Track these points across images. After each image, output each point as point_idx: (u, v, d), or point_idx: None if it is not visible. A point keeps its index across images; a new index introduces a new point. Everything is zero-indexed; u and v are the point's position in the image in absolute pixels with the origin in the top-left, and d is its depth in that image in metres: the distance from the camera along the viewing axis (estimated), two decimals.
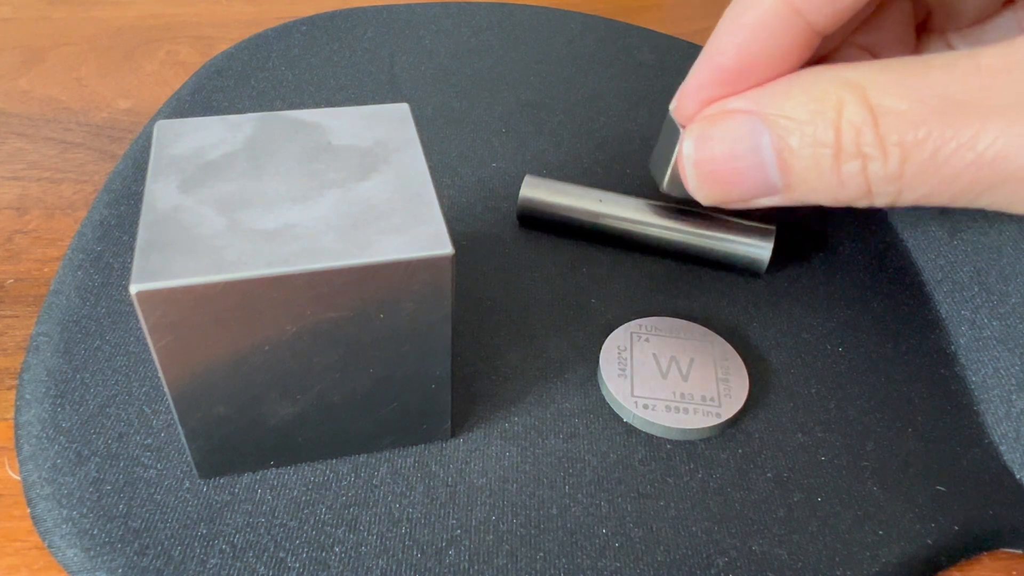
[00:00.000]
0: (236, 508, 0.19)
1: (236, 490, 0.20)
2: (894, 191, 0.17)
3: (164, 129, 0.19)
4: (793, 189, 0.18)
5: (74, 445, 0.20)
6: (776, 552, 0.19)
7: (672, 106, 0.21)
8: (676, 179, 0.22)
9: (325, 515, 0.19)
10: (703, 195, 0.20)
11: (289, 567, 0.18)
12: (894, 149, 0.16)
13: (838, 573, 0.19)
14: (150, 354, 0.22)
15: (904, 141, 0.16)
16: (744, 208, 0.20)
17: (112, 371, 0.22)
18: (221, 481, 0.20)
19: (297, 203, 0.17)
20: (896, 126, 0.16)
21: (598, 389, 0.22)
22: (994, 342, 0.23)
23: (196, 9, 0.42)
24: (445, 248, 0.17)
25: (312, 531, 0.19)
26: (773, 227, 0.26)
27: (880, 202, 0.18)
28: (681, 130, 0.21)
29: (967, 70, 0.16)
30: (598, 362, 0.23)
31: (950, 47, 0.23)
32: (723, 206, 0.20)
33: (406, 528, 0.19)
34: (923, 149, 0.16)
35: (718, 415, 0.21)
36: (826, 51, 0.23)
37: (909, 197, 0.17)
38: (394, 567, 0.18)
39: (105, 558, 0.18)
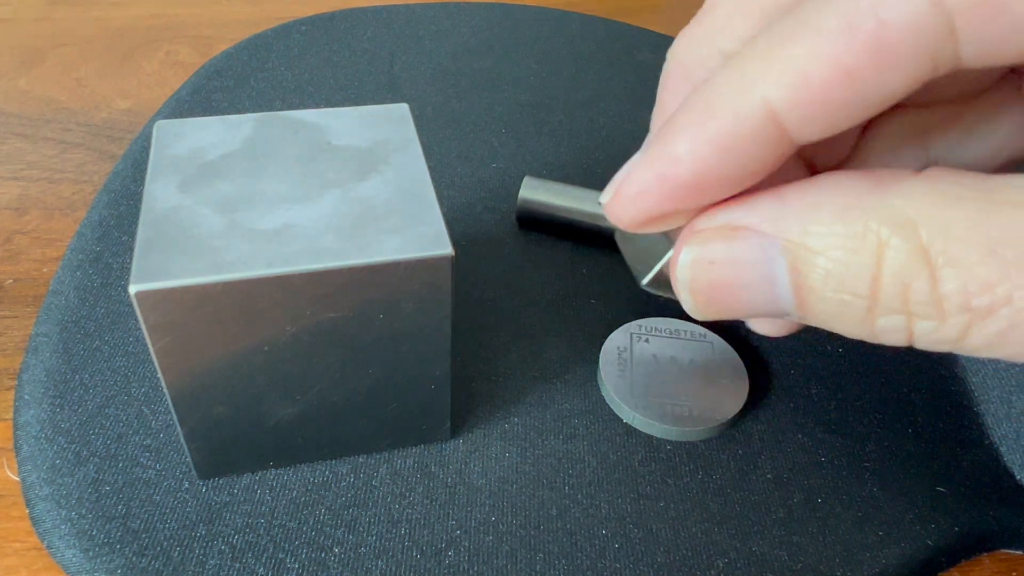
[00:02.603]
0: (235, 509, 0.19)
1: (235, 491, 0.19)
2: (949, 349, 0.14)
3: (163, 129, 0.19)
4: (812, 323, 0.15)
5: (73, 446, 0.20)
6: (776, 553, 0.19)
7: (602, 199, 0.17)
8: (663, 280, 0.19)
9: (324, 516, 0.19)
10: (699, 316, 0.17)
11: (288, 568, 0.18)
12: (956, 313, 0.13)
13: (838, 574, 0.19)
14: (149, 354, 0.22)
15: (971, 306, 0.13)
16: None
17: (111, 371, 0.22)
18: (220, 482, 0.20)
19: (297, 203, 0.17)
20: (962, 284, 0.13)
21: (598, 390, 0.22)
22: None
23: (196, 9, 0.42)
24: (445, 248, 0.16)
25: (311, 532, 0.19)
26: None
27: (930, 350, 0.14)
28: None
29: None
30: (598, 363, 0.23)
31: (922, 131, 0.19)
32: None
33: (405, 529, 0.19)
34: (996, 319, 0.13)
35: (718, 416, 0.21)
36: None
37: (970, 354, 0.14)
38: (393, 568, 0.18)
39: (104, 559, 0.18)
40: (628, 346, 0.23)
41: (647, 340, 0.23)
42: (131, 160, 0.29)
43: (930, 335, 0.14)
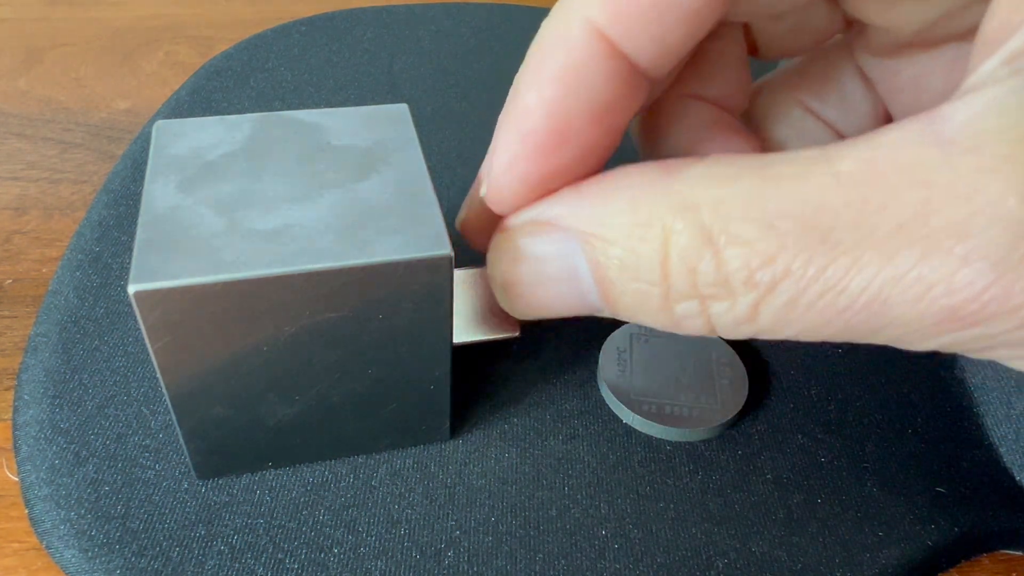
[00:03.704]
0: (234, 509, 0.19)
1: (234, 491, 0.19)
2: (749, 332, 0.14)
3: (163, 129, 0.19)
4: (621, 316, 0.15)
5: (72, 446, 0.20)
6: (776, 553, 0.19)
7: (482, 192, 0.17)
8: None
9: (324, 516, 0.19)
10: (517, 314, 0.17)
11: (288, 568, 0.18)
12: (743, 290, 0.13)
13: (838, 574, 0.19)
14: (148, 355, 0.22)
15: (755, 281, 0.13)
16: None
17: (111, 372, 0.22)
18: (219, 482, 0.20)
19: (296, 203, 0.17)
20: (744, 261, 0.13)
21: (597, 390, 0.22)
22: None
23: (195, 10, 0.42)
24: (444, 249, 0.16)
25: (311, 532, 0.19)
26: None
27: (733, 337, 0.14)
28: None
29: (824, 183, 0.12)
30: (597, 363, 0.23)
31: (862, 73, 0.20)
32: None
33: (405, 529, 0.19)
34: (780, 292, 0.13)
35: (718, 416, 0.21)
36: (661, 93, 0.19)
37: (770, 336, 0.14)
38: (393, 568, 0.18)
39: (103, 559, 0.18)
40: (628, 346, 0.23)
41: (647, 340, 0.23)
42: (131, 160, 0.29)
43: (725, 317, 0.14)
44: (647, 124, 0.21)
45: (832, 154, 0.13)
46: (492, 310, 0.20)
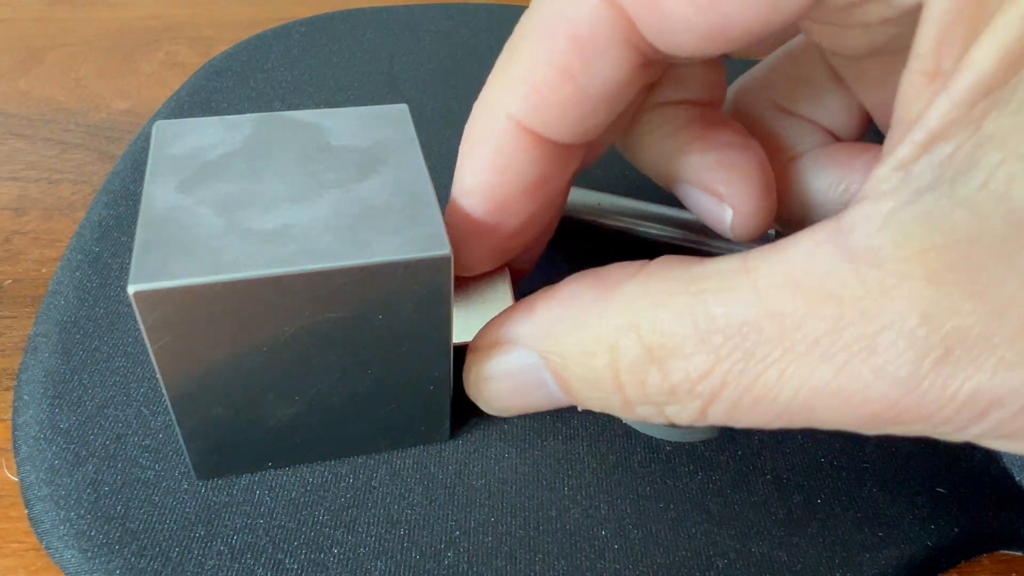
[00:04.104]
0: (234, 509, 0.19)
1: (234, 491, 0.19)
2: (706, 424, 0.15)
3: (163, 129, 0.19)
4: (595, 410, 0.17)
5: (72, 446, 0.20)
6: (776, 554, 0.19)
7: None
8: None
9: (323, 516, 0.19)
10: (495, 413, 0.19)
11: (287, 568, 0.18)
12: (688, 399, 0.14)
13: (838, 575, 0.19)
14: (148, 355, 0.22)
15: (697, 392, 0.14)
16: None
17: (110, 372, 0.22)
18: (219, 482, 0.20)
19: (296, 204, 0.17)
20: (686, 374, 0.14)
21: None
22: None
23: (195, 10, 0.42)
24: (444, 249, 0.16)
25: (310, 532, 0.19)
26: (773, 231, 0.26)
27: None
28: None
29: (746, 299, 0.13)
30: None
31: (833, 70, 0.21)
32: None
33: (405, 530, 0.19)
34: (722, 400, 0.14)
35: None
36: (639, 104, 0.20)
37: (726, 426, 0.15)
38: (392, 569, 0.18)
39: (103, 559, 0.18)
40: None
41: None
42: (130, 160, 0.29)
43: (680, 416, 0.15)
44: (631, 141, 0.21)
45: (752, 266, 0.14)
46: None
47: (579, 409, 0.17)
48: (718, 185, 0.20)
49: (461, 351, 0.19)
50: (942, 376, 0.12)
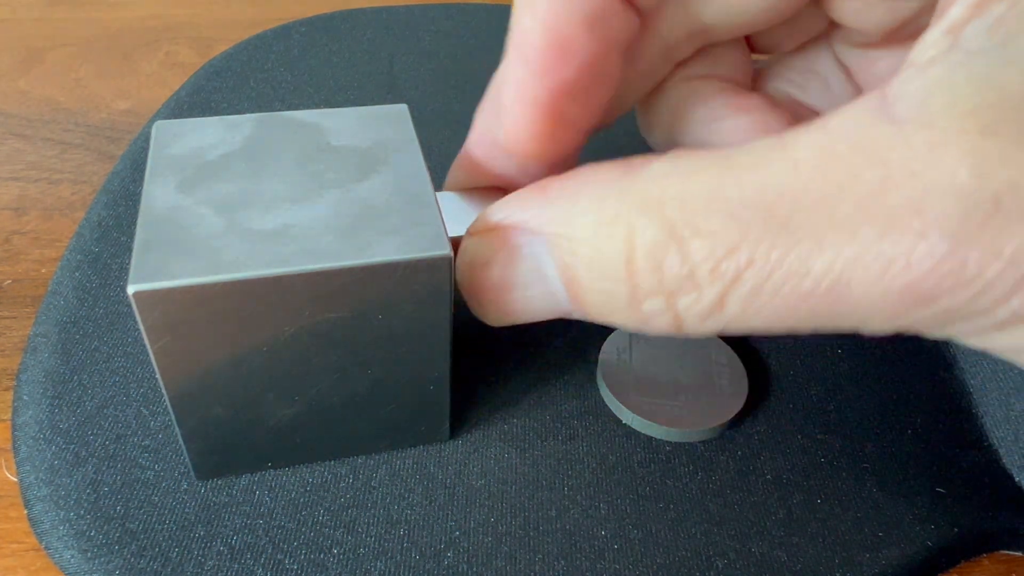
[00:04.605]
0: (234, 510, 0.19)
1: (234, 492, 0.19)
2: (716, 326, 0.14)
3: (162, 130, 0.19)
4: (591, 317, 0.15)
5: (71, 446, 0.20)
6: (775, 554, 0.19)
7: (501, 137, 0.17)
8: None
9: (323, 517, 0.19)
10: (489, 321, 0.17)
11: (287, 569, 0.18)
12: (708, 280, 0.13)
13: (838, 575, 0.19)
14: (148, 355, 0.22)
15: (720, 271, 0.13)
16: None
17: (110, 372, 0.22)
18: (219, 482, 0.20)
19: (296, 204, 0.17)
20: (709, 251, 0.13)
21: (597, 391, 0.22)
22: None
23: (196, 10, 0.42)
24: (444, 249, 0.16)
25: (310, 533, 0.19)
26: None
27: (702, 334, 0.14)
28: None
29: (782, 170, 0.13)
30: (597, 363, 0.23)
31: (840, 63, 0.20)
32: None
33: (404, 530, 0.19)
34: (745, 281, 0.13)
35: (717, 417, 0.21)
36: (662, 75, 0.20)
37: (737, 329, 0.14)
38: (392, 569, 0.18)
39: (102, 560, 0.18)
40: (627, 347, 0.23)
41: (647, 341, 0.23)
42: (130, 160, 0.29)
43: (692, 310, 0.14)
44: (657, 106, 0.21)
45: (789, 141, 0.13)
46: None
47: (575, 316, 0.16)
48: None
49: (461, 351, 0.19)
50: (989, 231, 0.11)
